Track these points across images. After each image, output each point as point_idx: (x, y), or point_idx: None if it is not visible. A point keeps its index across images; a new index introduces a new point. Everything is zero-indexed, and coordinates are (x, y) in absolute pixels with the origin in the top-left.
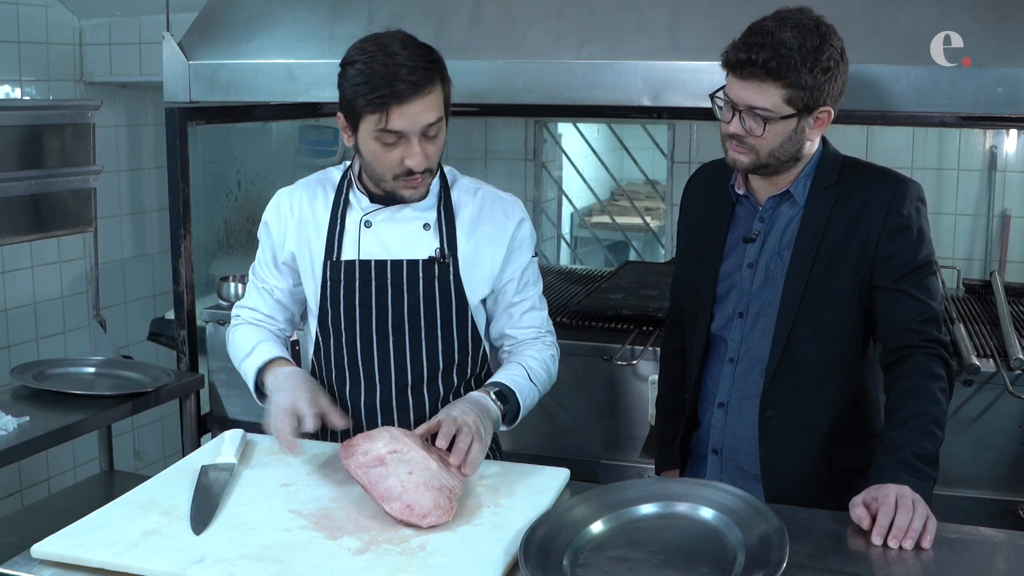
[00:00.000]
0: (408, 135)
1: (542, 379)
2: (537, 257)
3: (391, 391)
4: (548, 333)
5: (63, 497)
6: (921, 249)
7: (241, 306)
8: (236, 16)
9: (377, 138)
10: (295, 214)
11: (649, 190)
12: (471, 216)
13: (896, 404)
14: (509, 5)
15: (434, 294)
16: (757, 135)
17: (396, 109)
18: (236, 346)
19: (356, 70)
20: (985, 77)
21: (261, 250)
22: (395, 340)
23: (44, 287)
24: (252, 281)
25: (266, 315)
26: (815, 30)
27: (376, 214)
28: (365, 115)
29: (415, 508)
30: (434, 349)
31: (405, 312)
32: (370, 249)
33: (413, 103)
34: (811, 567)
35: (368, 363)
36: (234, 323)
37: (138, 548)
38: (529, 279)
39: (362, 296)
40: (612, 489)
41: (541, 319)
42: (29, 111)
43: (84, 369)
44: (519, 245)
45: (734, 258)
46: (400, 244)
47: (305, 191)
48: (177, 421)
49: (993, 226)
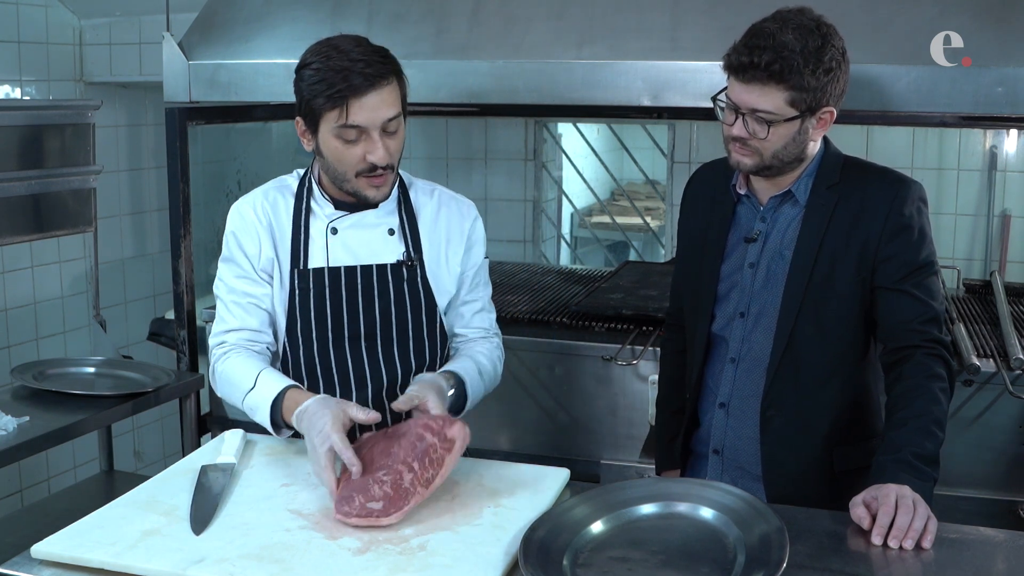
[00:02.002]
0: (368, 130)
1: (489, 376)
2: (488, 260)
3: (367, 395)
4: (496, 335)
5: (63, 497)
6: (922, 249)
7: (223, 332)
8: (236, 16)
9: (338, 135)
10: (263, 221)
11: (649, 190)
12: (431, 218)
13: (897, 404)
14: (509, 5)
15: (404, 298)
16: (761, 138)
17: (355, 103)
18: (230, 379)
19: (311, 71)
20: (985, 77)
21: (232, 265)
22: (368, 347)
23: (44, 287)
24: (229, 300)
25: (255, 330)
26: (816, 31)
27: (341, 220)
28: (324, 113)
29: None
30: (406, 353)
31: (377, 318)
32: (338, 256)
33: (370, 96)
34: (811, 567)
35: (343, 370)
36: (221, 353)
37: (138, 548)
38: (481, 280)
39: (332, 304)
40: (612, 489)
41: (490, 321)
42: (29, 111)
43: (84, 369)
44: (473, 244)
45: (735, 258)
46: (367, 250)
47: (266, 199)
48: (177, 421)
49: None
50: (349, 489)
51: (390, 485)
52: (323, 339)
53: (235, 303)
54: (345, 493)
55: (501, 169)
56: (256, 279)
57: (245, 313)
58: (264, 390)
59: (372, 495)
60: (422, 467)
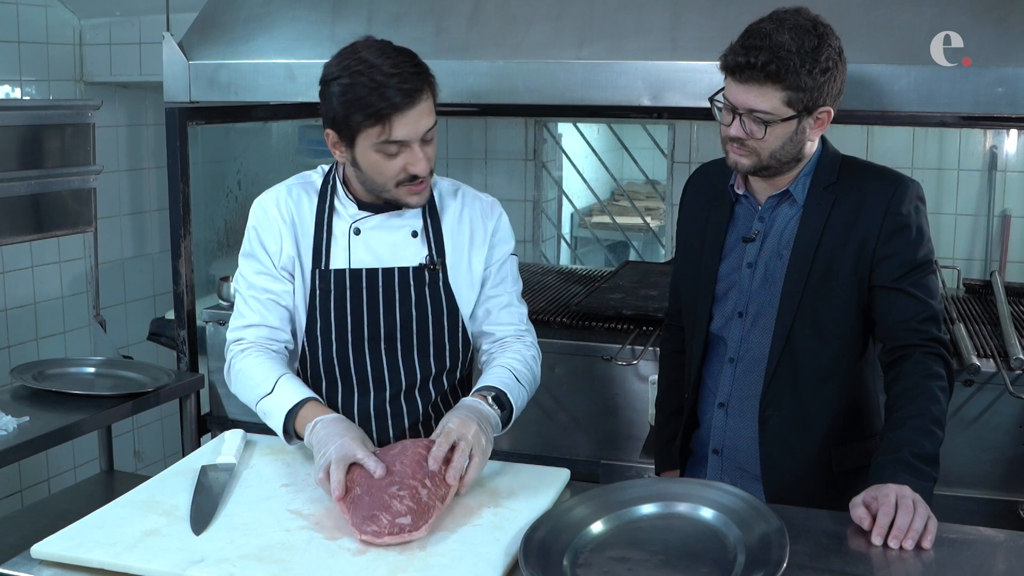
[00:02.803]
0: (410, 143)
1: (528, 380)
2: (517, 257)
3: (384, 397)
4: (527, 332)
5: (63, 497)
6: (920, 248)
7: (241, 327)
8: (236, 16)
9: (380, 150)
10: (286, 218)
11: (649, 190)
12: (455, 218)
13: (896, 404)
14: (509, 5)
15: (425, 302)
16: (758, 138)
17: (398, 120)
18: (248, 379)
19: (341, 87)
20: (985, 77)
21: (253, 260)
22: (387, 349)
23: (44, 287)
24: (248, 296)
25: (275, 328)
26: (813, 31)
27: (365, 221)
28: (364, 130)
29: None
30: (426, 356)
31: (398, 321)
32: (360, 257)
33: (412, 111)
34: (811, 567)
35: (361, 371)
36: (238, 350)
37: (138, 548)
38: (507, 275)
39: (353, 306)
40: (612, 489)
41: (519, 316)
42: (29, 111)
43: (84, 369)
44: (498, 242)
45: (733, 258)
46: (390, 252)
47: (290, 195)
48: (177, 421)
49: (993, 226)
50: (366, 508)
51: (409, 499)
52: (342, 340)
53: (255, 298)
54: (364, 512)
55: (501, 169)
56: (276, 276)
57: (264, 309)
58: (282, 398)
59: (396, 511)
60: (434, 484)
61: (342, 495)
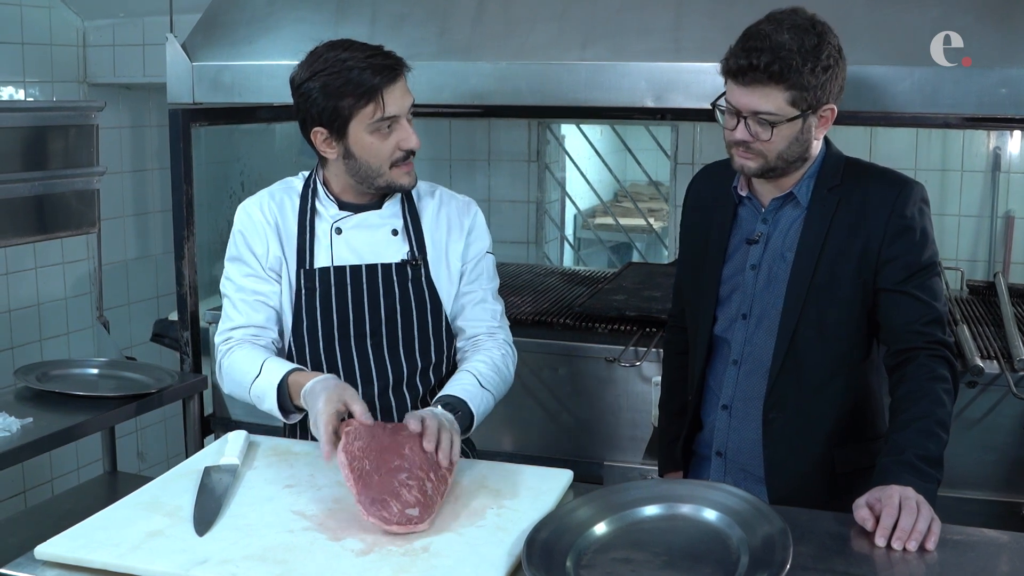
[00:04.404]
0: (399, 118)
1: (494, 382)
2: (493, 256)
3: (373, 392)
4: (500, 329)
5: (66, 498)
6: (924, 250)
7: (229, 328)
8: (239, 17)
9: (375, 130)
10: (271, 221)
11: (652, 191)
12: (432, 216)
13: (900, 406)
14: (512, 6)
15: (409, 298)
16: (764, 140)
17: (388, 94)
18: (236, 371)
19: (321, 82)
20: (989, 78)
21: (240, 264)
22: (373, 345)
23: (48, 288)
24: (237, 298)
25: (261, 327)
26: (811, 29)
27: (346, 221)
28: (356, 112)
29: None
30: (411, 352)
31: (382, 317)
32: (343, 256)
33: (397, 86)
34: (815, 568)
35: (348, 367)
36: (225, 349)
37: (141, 549)
38: (483, 272)
39: (338, 303)
40: (615, 490)
41: (492, 313)
42: (33, 112)
43: (87, 370)
44: (474, 239)
45: (737, 260)
46: (371, 250)
47: (272, 199)
48: (180, 422)
49: (997, 227)
50: (376, 490)
51: (417, 490)
52: (329, 337)
53: (243, 300)
54: (375, 495)
55: (504, 170)
56: (265, 277)
57: (251, 310)
58: (269, 375)
59: (406, 500)
60: (437, 479)
61: (328, 455)
